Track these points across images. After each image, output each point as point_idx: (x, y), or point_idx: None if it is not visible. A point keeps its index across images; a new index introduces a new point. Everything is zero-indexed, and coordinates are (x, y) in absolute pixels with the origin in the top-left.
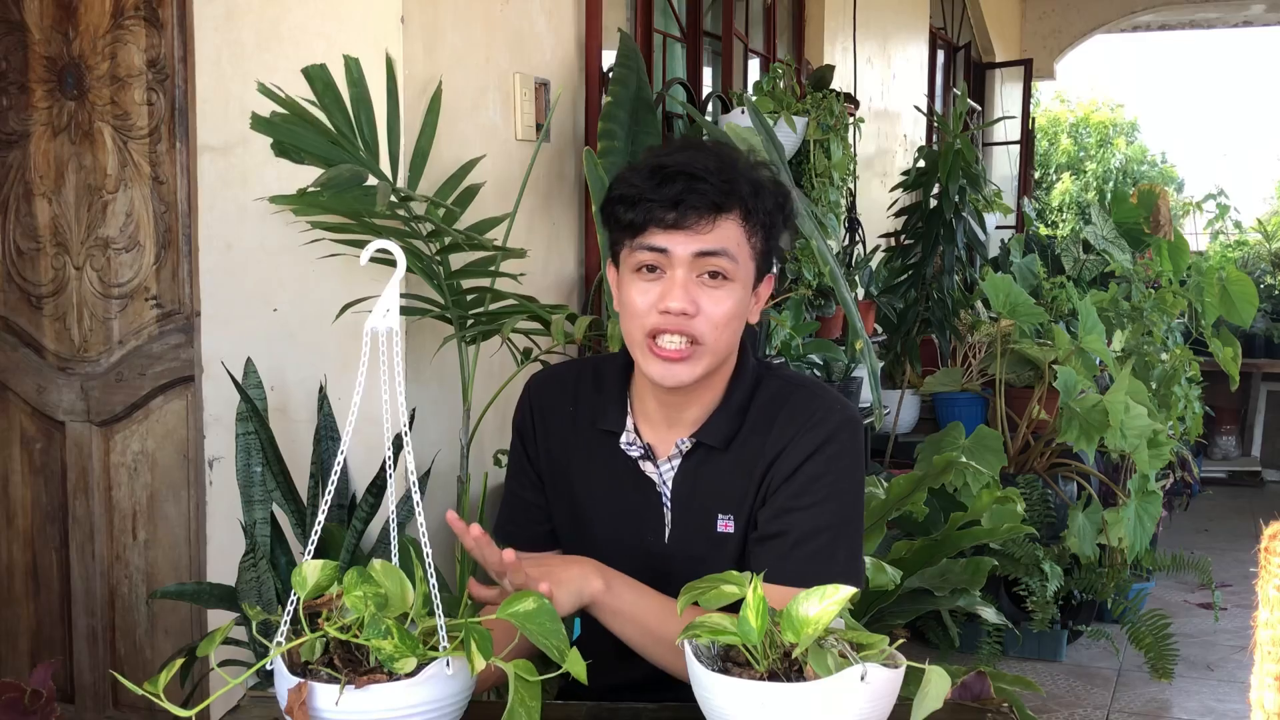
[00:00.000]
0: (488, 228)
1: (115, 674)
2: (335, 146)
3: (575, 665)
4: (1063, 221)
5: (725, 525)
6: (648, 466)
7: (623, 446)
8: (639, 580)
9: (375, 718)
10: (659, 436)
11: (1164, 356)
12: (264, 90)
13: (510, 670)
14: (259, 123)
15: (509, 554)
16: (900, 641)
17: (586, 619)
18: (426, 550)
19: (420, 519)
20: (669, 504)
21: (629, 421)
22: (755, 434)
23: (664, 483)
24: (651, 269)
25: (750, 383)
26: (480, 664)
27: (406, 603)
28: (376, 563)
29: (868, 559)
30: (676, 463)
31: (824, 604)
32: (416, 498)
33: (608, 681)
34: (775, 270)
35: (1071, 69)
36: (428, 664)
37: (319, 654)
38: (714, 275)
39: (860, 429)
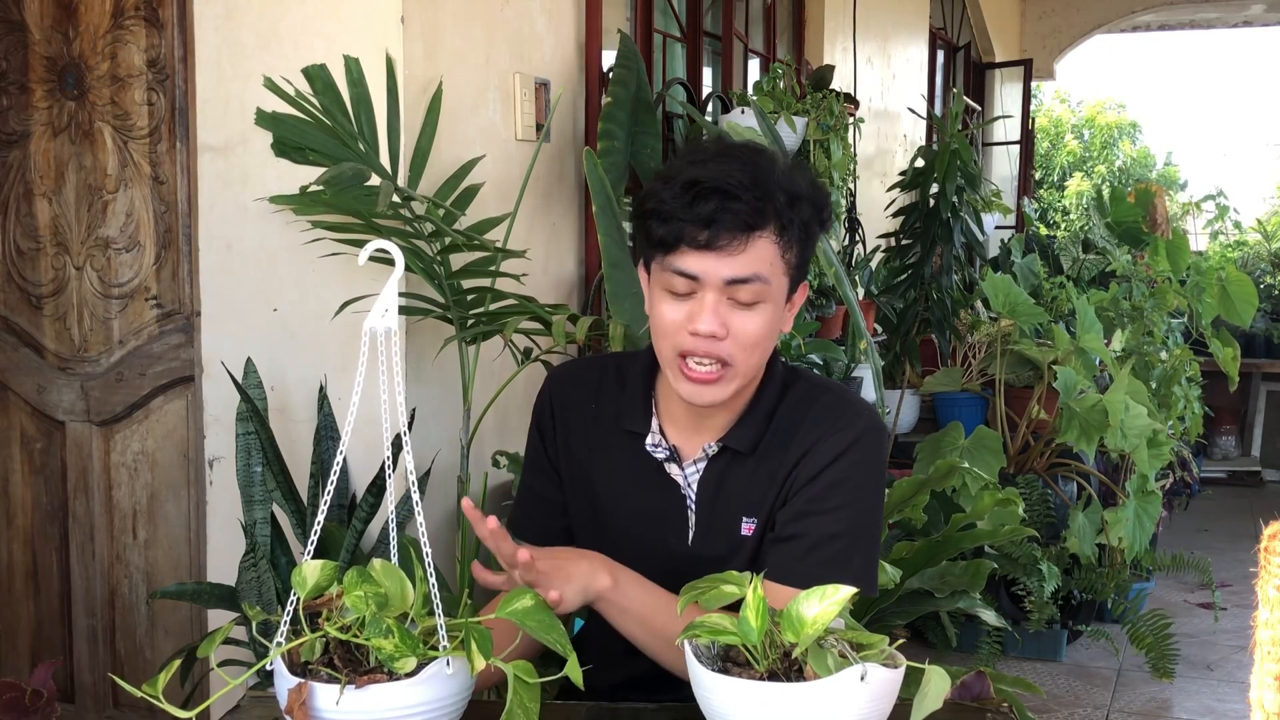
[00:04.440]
0: (488, 228)
1: (114, 677)
2: (339, 143)
3: (573, 670)
4: (1067, 222)
5: (749, 528)
6: (673, 469)
7: (648, 448)
8: (660, 581)
9: (376, 717)
10: (685, 439)
11: (1164, 356)
12: (270, 85)
13: (510, 671)
14: (263, 119)
15: (523, 554)
16: (900, 642)
17: (592, 616)
18: (426, 550)
19: (420, 519)
20: (694, 506)
21: (654, 423)
22: (780, 438)
23: (689, 485)
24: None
25: (778, 388)
26: (480, 664)
27: (406, 602)
28: (376, 562)
29: None
30: (702, 465)
31: (824, 604)
32: (416, 498)
33: (611, 679)
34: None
35: (1071, 69)
36: (428, 664)
37: (318, 654)
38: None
39: (884, 436)
